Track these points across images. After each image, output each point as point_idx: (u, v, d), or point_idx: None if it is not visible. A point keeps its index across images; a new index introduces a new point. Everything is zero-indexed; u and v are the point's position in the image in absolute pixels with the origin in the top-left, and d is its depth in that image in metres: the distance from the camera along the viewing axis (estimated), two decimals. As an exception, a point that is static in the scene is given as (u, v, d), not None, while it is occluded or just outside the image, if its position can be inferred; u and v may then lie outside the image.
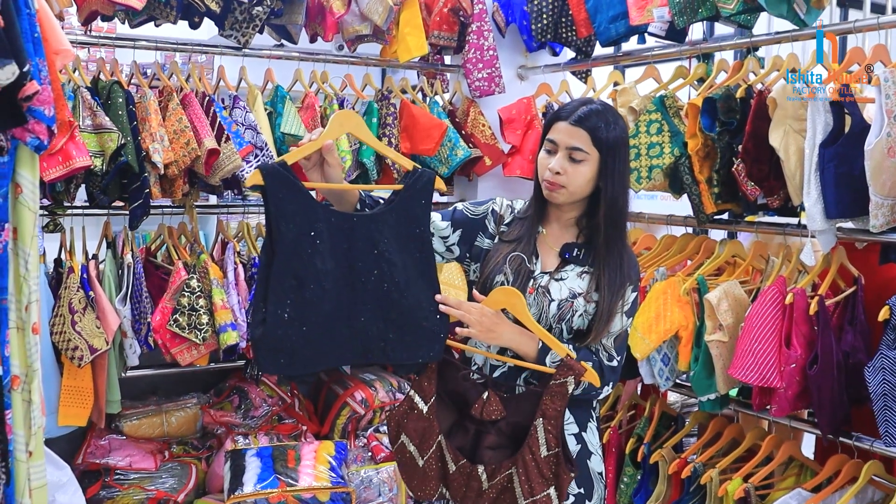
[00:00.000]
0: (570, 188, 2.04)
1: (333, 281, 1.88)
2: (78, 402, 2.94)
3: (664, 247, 3.17)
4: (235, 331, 3.07)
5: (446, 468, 2.02)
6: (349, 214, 1.94)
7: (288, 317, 1.84)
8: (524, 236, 2.12)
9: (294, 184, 1.85)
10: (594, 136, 2.01)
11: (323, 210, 1.89)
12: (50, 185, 2.77)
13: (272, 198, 1.83)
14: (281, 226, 1.84)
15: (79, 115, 2.81)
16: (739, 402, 2.90)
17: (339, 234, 1.89)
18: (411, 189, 1.99)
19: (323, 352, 1.89)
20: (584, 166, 2.03)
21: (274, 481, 3.00)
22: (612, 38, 3.26)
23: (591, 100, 2.10)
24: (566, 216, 2.14)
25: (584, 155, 2.02)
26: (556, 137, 2.05)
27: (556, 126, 2.06)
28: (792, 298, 2.56)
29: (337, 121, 1.95)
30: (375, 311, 1.93)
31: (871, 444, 2.53)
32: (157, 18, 3.08)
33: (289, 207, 1.84)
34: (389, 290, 1.93)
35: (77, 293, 2.89)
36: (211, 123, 3.05)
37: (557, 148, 2.04)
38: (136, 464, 3.18)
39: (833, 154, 2.44)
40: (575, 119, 2.02)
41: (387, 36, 3.45)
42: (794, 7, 2.70)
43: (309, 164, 1.93)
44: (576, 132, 2.02)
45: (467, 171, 3.66)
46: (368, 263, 1.92)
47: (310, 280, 1.85)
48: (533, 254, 2.11)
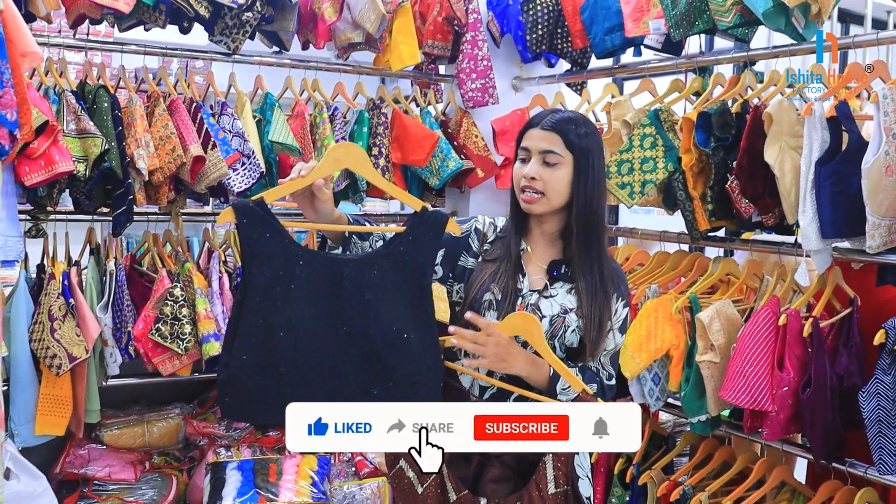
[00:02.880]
0: (547, 195, 1.99)
1: (310, 328, 1.76)
2: (56, 411, 2.88)
3: (657, 263, 3.11)
4: (218, 341, 3.01)
5: (447, 497, 1.90)
6: (337, 258, 1.83)
7: (254, 363, 1.74)
8: (508, 254, 2.06)
9: (270, 224, 1.74)
10: (566, 138, 1.98)
11: (304, 253, 1.78)
12: (31, 189, 2.72)
13: (245, 238, 1.73)
14: (253, 267, 1.74)
15: (63, 119, 2.76)
16: (731, 424, 2.84)
17: (322, 280, 1.77)
18: (417, 232, 1.84)
19: (292, 402, 1.74)
20: (560, 171, 1.99)
21: (254, 496, 2.94)
22: (608, 50, 3.21)
23: (561, 109, 2.06)
24: (548, 230, 2.08)
25: (558, 157, 1.98)
26: (528, 144, 2.02)
27: (528, 134, 2.03)
28: (785, 319, 2.50)
29: (333, 155, 1.81)
30: (359, 363, 1.80)
31: (864, 470, 2.47)
32: (146, 22, 3.04)
33: (263, 249, 1.74)
34: (375, 341, 1.80)
35: (57, 300, 2.83)
36: (198, 130, 3.00)
37: (531, 154, 2.01)
38: (115, 474, 3.12)
39: (829, 172, 2.38)
40: (546, 124, 2.00)
41: (379, 44, 3.41)
42: (793, 21, 2.65)
43: (297, 194, 1.83)
44: (547, 135, 1.99)
45: (459, 182, 3.61)
46: (354, 312, 1.79)
47: (280, 326, 1.74)
48: (519, 272, 2.05)
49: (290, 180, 1.80)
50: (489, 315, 2.01)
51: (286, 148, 3.16)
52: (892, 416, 2.29)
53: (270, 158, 3.20)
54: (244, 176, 3.05)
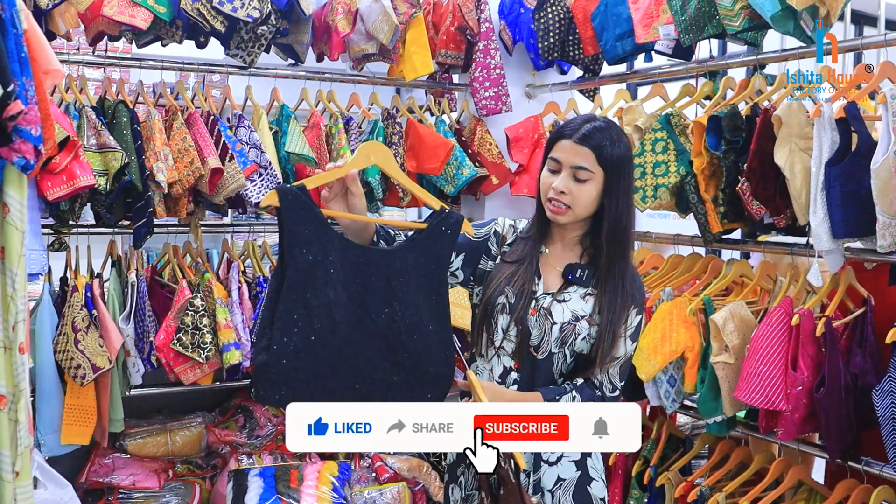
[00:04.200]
0: (574, 209, 1.99)
1: (344, 314, 1.81)
2: (81, 421, 2.93)
3: (671, 266, 3.13)
4: (239, 350, 3.06)
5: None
6: (366, 248, 1.88)
7: (293, 347, 1.77)
8: (526, 256, 2.06)
9: (312, 209, 1.78)
10: (599, 154, 1.96)
11: (339, 240, 1.83)
12: (53, 204, 2.78)
13: (287, 221, 1.77)
14: (294, 251, 1.78)
15: (83, 134, 2.82)
16: (747, 425, 2.85)
17: (353, 267, 1.82)
18: (436, 230, 1.92)
19: (323, 388, 1.80)
20: (589, 185, 1.97)
21: (276, 502, 2.98)
22: (619, 56, 3.24)
23: (594, 116, 2.05)
24: (570, 235, 2.09)
25: (589, 174, 1.96)
26: (559, 156, 1.99)
27: (559, 144, 2.00)
28: (798, 320, 2.51)
29: (363, 151, 1.89)
30: (383, 351, 1.86)
31: (880, 468, 2.47)
32: (163, 38, 3.10)
33: (304, 233, 1.78)
34: (399, 330, 1.86)
35: (80, 312, 2.89)
36: (215, 142, 3.06)
37: (561, 167, 1.98)
38: (139, 483, 3.17)
39: (839, 172, 2.39)
40: (579, 137, 1.96)
41: (393, 55, 3.45)
42: (801, 24, 2.67)
43: (330, 195, 1.88)
44: (580, 150, 1.96)
45: (474, 189, 3.64)
46: (381, 301, 1.84)
47: (320, 310, 1.78)
48: (535, 274, 2.05)
49: (327, 171, 1.86)
50: (502, 318, 2.03)
51: (302, 158, 3.21)
52: (905, 414, 2.30)
53: (287, 169, 3.25)
54: (262, 187, 3.10)
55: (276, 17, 3.13)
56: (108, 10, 2.82)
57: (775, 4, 2.60)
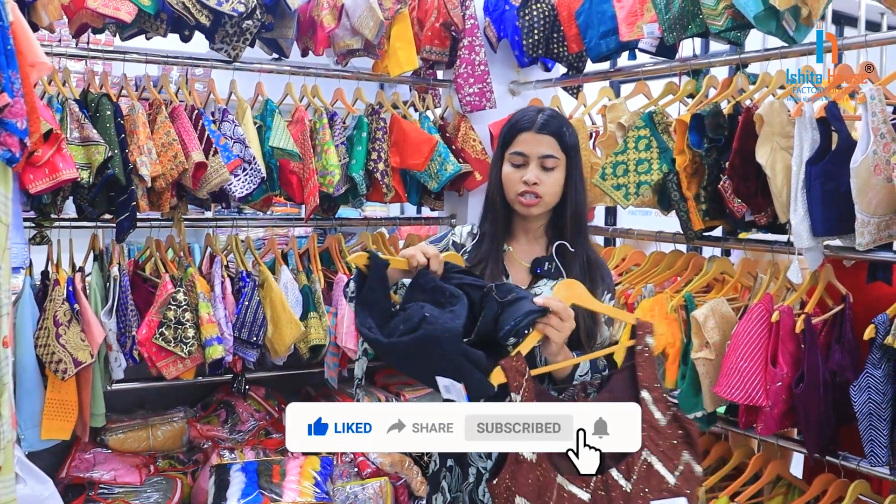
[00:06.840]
0: (545, 198, 2.01)
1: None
2: (62, 416, 2.92)
3: (653, 263, 3.15)
4: (221, 345, 3.06)
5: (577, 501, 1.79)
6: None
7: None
8: (489, 256, 2.06)
9: (385, 283, 1.83)
10: (561, 140, 2.01)
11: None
12: (35, 197, 2.76)
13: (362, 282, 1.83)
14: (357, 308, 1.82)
15: (66, 127, 2.81)
16: (727, 420, 2.87)
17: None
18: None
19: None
20: (557, 172, 2.01)
21: (258, 496, 2.98)
22: (603, 54, 3.26)
23: (540, 107, 2.09)
24: (534, 227, 2.10)
25: (556, 161, 2.01)
26: (524, 149, 2.01)
27: (520, 138, 2.02)
28: (778, 316, 2.54)
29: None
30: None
31: (857, 463, 2.50)
32: (147, 31, 3.09)
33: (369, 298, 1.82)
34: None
35: (62, 306, 2.88)
36: (199, 137, 3.05)
37: (528, 160, 2.01)
38: (120, 478, 3.16)
39: (820, 171, 2.42)
40: (539, 126, 2.00)
41: (378, 50, 3.45)
42: (783, 24, 2.69)
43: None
44: (543, 139, 2.00)
45: (457, 186, 3.65)
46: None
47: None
48: (502, 273, 2.06)
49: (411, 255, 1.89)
50: None
51: (287, 153, 3.21)
52: (882, 410, 2.33)
53: (271, 164, 3.25)
54: (245, 181, 3.10)
55: (262, 11, 3.12)
56: (92, 2, 2.81)
57: (758, 4, 2.62)
